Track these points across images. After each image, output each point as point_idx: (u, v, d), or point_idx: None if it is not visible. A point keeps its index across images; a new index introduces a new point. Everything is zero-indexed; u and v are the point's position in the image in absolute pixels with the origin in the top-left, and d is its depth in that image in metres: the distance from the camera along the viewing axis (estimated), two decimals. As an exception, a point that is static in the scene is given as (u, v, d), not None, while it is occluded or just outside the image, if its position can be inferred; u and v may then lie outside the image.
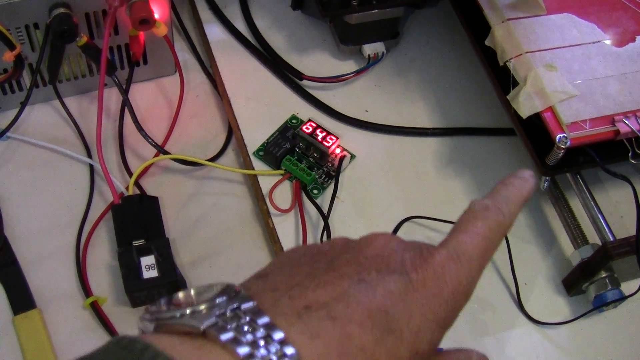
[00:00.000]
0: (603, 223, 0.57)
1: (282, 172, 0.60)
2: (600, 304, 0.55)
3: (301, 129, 0.61)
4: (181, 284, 0.56)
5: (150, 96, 0.67)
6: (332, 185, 0.60)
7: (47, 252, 0.58)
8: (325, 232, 0.57)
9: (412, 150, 0.65)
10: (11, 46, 0.57)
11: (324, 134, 0.61)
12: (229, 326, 0.32)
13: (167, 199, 0.61)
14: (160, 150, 0.62)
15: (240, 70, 0.68)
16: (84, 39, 0.59)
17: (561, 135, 0.53)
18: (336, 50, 0.70)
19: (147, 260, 0.55)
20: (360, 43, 0.68)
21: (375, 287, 0.35)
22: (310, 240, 0.57)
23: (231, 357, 0.31)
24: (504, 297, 0.57)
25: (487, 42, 0.60)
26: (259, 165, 0.62)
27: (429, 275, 0.36)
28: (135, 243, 0.56)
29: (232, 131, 0.65)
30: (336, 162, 0.61)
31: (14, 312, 0.54)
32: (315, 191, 0.60)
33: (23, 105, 0.61)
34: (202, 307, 0.33)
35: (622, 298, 0.55)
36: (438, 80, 0.70)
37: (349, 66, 0.69)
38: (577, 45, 0.59)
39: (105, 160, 0.60)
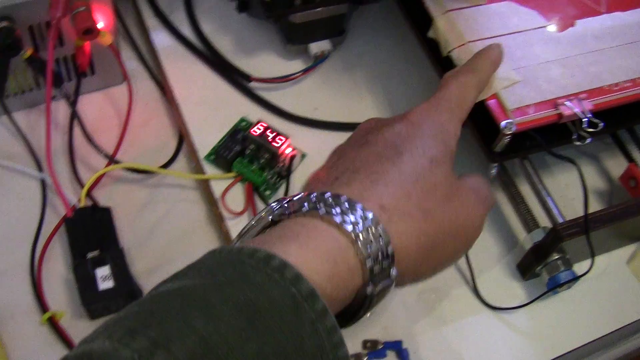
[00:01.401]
0: (552, 206, 0.58)
1: (233, 174, 0.60)
2: (554, 286, 0.56)
3: (250, 131, 0.61)
4: (137, 293, 0.55)
5: (99, 106, 0.67)
6: (284, 185, 0.61)
7: (1, 268, 0.57)
8: (279, 232, 0.57)
9: (363, 145, 0.65)
10: (-46, 63, 0.57)
11: (274, 134, 0.61)
12: (320, 204, 0.40)
13: (121, 208, 0.60)
14: (111, 160, 0.61)
15: (189, 76, 0.68)
16: (28, 51, 0.59)
17: (506, 121, 0.54)
18: (283, 51, 0.70)
19: (103, 271, 0.55)
20: (307, 42, 0.68)
21: (398, 146, 0.45)
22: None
23: (329, 225, 0.39)
24: (460, 286, 0.58)
25: (429, 34, 0.61)
26: (211, 170, 0.62)
27: (422, 117, 0.48)
28: (90, 255, 0.56)
29: (183, 137, 0.65)
30: (287, 162, 0.61)
31: (-30, 332, 0.54)
32: (267, 192, 0.60)
33: (-30, 122, 0.61)
34: (295, 198, 0.42)
35: (575, 278, 0.56)
36: (385, 74, 0.70)
37: (296, 65, 0.69)
38: (518, 32, 0.60)
39: (56, 173, 0.60)
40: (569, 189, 0.63)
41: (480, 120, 0.56)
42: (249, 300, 0.33)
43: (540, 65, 0.58)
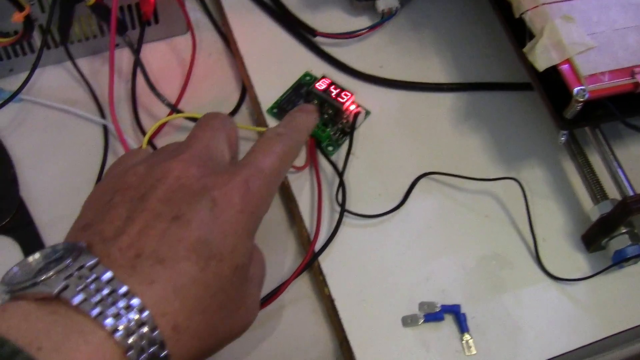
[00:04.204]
0: (623, 178, 0.56)
1: (296, 129, 0.60)
2: (619, 260, 0.55)
3: (315, 85, 0.60)
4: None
5: (162, 56, 0.67)
6: (347, 142, 0.60)
7: (63, 213, 0.57)
8: (340, 188, 0.57)
9: (427, 105, 0.64)
10: (20, 7, 0.56)
11: (338, 90, 0.60)
12: (77, 288, 0.35)
13: (181, 158, 0.60)
14: (173, 109, 0.61)
15: (254, 28, 0.67)
16: (93, -2, 0.58)
17: (579, 88, 0.52)
18: (350, 7, 0.68)
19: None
20: (374, -2, 0.67)
21: (189, 221, 0.39)
22: (325, 198, 0.57)
23: (85, 318, 0.34)
24: (522, 254, 0.57)
25: (502, -5, 0.59)
26: (273, 123, 0.61)
27: (233, 192, 0.41)
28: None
29: (246, 89, 0.65)
30: (351, 119, 0.60)
31: (31, 273, 0.54)
32: (330, 148, 0.59)
33: (34, 66, 0.61)
34: (51, 272, 0.35)
35: (642, 253, 0.55)
36: (453, 35, 0.68)
37: (362, 22, 0.68)
38: (595, -5, 0.58)
39: (119, 120, 0.60)
40: (640, 161, 0.62)
41: (552, 85, 0.54)
42: None
43: (616, 32, 0.56)
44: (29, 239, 0.56)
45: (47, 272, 0.35)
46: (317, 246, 0.55)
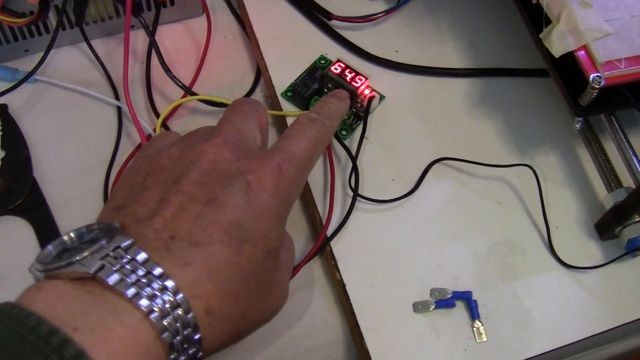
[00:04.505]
0: (638, 166, 0.55)
1: (310, 113, 0.59)
2: (633, 249, 0.54)
3: (330, 69, 0.60)
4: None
5: (177, 38, 0.67)
6: (361, 127, 0.59)
7: (76, 194, 0.58)
8: (353, 173, 0.56)
9: (442, 91, 0.63)
10: (36, -13, 0.57)
11: (353, 74, 0.60)
12: (113, 268, 0.35)
13: (195, 141, 0.60)
14: (188, 91, 0.61)
15: (269, 11, 0.67)
16: (109, -22, 0.58)
17: (595, 74, 0.52)
18: (366, -10, 0.68)
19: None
20: (390, -18, 0.67)
21: (223, 204, 0.39)
22: (338, 182, 0.57)
23: (120, 299, 0.35)
24: (535, 241, 0.57)
25: (520, -21, 0.58)
26: (287, 106, 0.61)
27: (266, 176, 0.42)
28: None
29: (260, 72, 0.65)
30: (365, 103, 0.60)
31: (44, 253, 0.55)
32: (343, 132, 0.59)
33: (49, 47, 0.61)
34: (86, 252, 0.35)
35: (656, 242, 0.54)
36: (469, 20, 0.68)
37: (378, 6, 0.67)
38: (613, -20, 0.57)
39: (133, 101, 0.60)
40: (655, 149, 0.61)
41: (567, 72, 0.54)
42: None
43: (634, 18, 0.55)
44: (42, 220, 0.56)
45: (82, 251, 0.36)
46: (329, 231, 0.55)
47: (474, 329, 0.52)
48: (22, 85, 0.61)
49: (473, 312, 0.53)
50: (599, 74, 0.52)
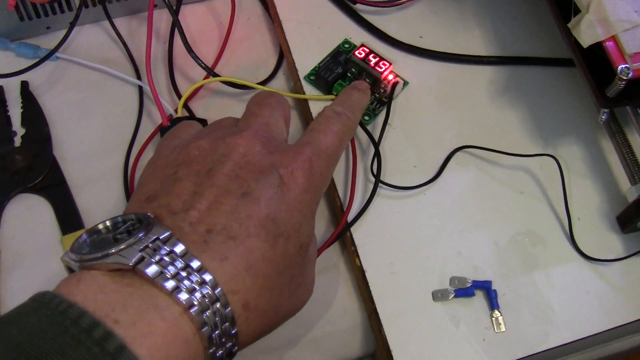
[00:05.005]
0: (663, 159, 0.55)
1: (333, 97, 0.59)
2: (655, 242, 0.54)
3: (354, 53, 0.60)
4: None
5: (200, 18, 0.66)
6: (384, 112, 0.59)
7: (96, 173, 0.58)
8: (375, 158, 0.56)
9: (466, 78, 0.63)
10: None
11: (377, 59, 0.59)
12: (152, 260, 0.35)
13: (216, 122, 0.60)
14: (210, 72, 0.61)
15: (293, -7, 0.66)
16: (133, -43, 0.58)
17: (623, 65, 0.51)
18: (391, -26, 0.67)
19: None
20: (416, -33, 0.66)
21: (258, 197, 0.39)
22: (360, 168, 0.56)
23: (160, 292, 0.34)
24: (556, 232, 0.56)
25: (549, -33, 0.58)
26: (309, 90, 0.60)
27: (298, 171, 0.42)
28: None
29: (283, 55, 0.64)
30: (388, 89, 0.59)
31: (63, 232, 0.55)
32: (366, 117, 0.59)
33: (72, 25, 0.61)
34: (123, 245, 0.35)
35: (679, 236, 0.54)
36: (495, 7, 0.67)
37: (403, -10, 0.67)
38: (644, -30, 0.56)
39: (155, 81, 0.60)
40: (680, 143, 0.61)
41: (594, 63, 0.53)
42: None
43: (665, 10, 0.55)
44: (61, 199, 0.56)
45: (119, 243, 0.35)
46: (350, 216, 0.54)
47: (493, 318, 0.52)
48: (43, 63, 0.60)
49: (492, 301, 0.52)
50: (627, 65, 0.51)
